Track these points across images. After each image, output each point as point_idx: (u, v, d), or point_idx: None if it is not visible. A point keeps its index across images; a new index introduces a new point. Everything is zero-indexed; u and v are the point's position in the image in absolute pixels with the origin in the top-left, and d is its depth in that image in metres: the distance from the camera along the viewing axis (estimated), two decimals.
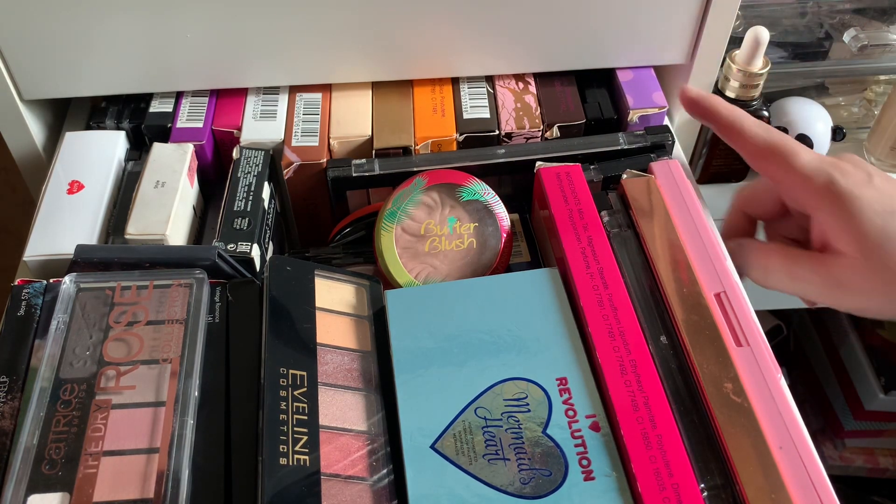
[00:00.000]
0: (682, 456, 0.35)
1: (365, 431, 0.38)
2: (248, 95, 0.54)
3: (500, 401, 0.38)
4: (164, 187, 0.47)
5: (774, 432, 0.35)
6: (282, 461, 0.34)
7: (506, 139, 0.52)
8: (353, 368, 0.40)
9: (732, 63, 0.57)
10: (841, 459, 0.95)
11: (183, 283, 0.40)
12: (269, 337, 0.38)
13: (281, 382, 0.37)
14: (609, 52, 0.54)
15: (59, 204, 0.46)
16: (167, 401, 0.37)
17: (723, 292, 0.40)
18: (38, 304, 0.40)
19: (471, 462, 0.36)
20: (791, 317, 1.00)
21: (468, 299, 0.42)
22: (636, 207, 0.45)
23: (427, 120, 0.52)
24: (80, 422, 0.36)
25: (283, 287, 0.41)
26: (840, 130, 0.65)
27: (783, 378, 0.37)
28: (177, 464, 0.34)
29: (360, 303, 0.43)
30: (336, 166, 0.49)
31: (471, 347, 0.40)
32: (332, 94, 0.54)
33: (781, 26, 0.66)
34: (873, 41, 0.66)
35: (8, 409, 0.37)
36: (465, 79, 0.55)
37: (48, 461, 0.34)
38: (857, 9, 0.68)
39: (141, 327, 0.39)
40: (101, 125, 0.52)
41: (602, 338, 0.39)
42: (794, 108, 0.62)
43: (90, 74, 0.51)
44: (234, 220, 0.46)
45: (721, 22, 0.53)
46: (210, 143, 0.52)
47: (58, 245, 0.44)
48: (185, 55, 0.51)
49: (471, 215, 0.47)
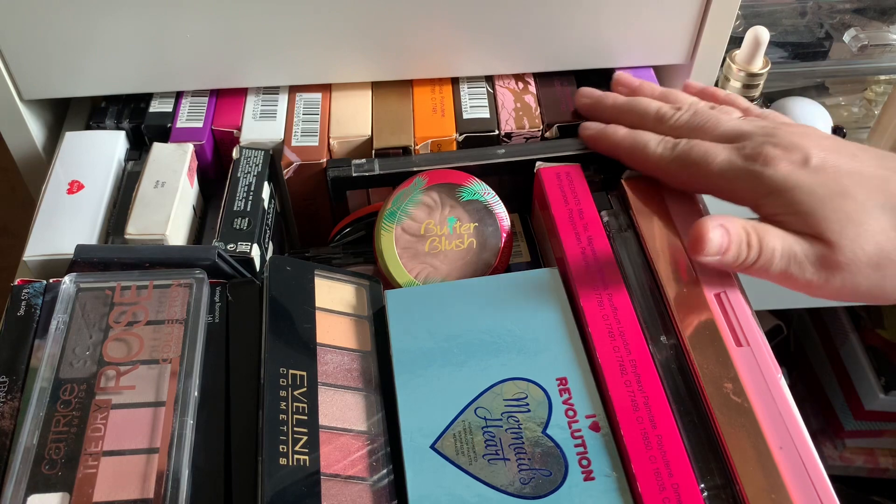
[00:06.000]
0: (682, 456, 0.35)
1: (365, 431, 0.38)
2: (247, 95, 0.54)
3: (500, 401, 0.38)
4: (164, 187, 0.46)
5: (774, 432, 0.35)
6: (282, 461, 0.34)
7: (506, 139, 0.52)
8: (353, 368, 0.40)
9: (732, 63, 0.57)
10: (841, 459, 0.95)
11: (183, 283, 0.40)
12: (269, 337, 0.38)
13: (281, 382, 0.37)
14: (609, 52, 0.54)
15: (59, 204, 0.46)
16: (167, 401, 0.37)
17: (723, 292, 0.40)
18: (38, 304, 0.40)
19: (471, 462, 0.36)
20: (791, 317, 1.00)
21: (468, 299, 0.42)
22: (636, 207, 0.45)
23: (427, 120, 0.52)
24: (80, 422, 0.36)
25: (283, 287, 0.41)
26: (840, 130, 0.65)
27: (783, 378, 0.37)
28: (177, 464, 0.34)
29: (360, 303, 0.43)
30: (336, 166, 0.49)
31: (471, 347, 0.40)
32: (331, 94, 0.54)
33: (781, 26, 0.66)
34: (873, 41, 0.66)
35: (8, 409, 0.37)
36: (465, 79, 0.55)
37: (48, 461, 0.34)
38: (857, 9, 0.68)
39: (141, 327, 0.39)
40: (101, 125, 0.52)
41: (602, 338, 0.39)
42: (794, 108, 0.62)
43: (90, 74, 0.51)
44: (234, 220, 0.46)
45: (721, 22, 0.53)
46: (210, 143, 0.52)
47: (58, 245, 0.44)
48: (185, 55, 0.51)
49: (471, 215, 0.47)
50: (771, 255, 0.38)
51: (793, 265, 0.38)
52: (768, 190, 0.39)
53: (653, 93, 0.49)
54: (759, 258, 0.38)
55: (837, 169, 0.39)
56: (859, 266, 0.37)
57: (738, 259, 0.38)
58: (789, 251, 0.38)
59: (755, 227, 0.39)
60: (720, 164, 0.40)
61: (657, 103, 0.46)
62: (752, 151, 0.40)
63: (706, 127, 0.43)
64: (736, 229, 0.38)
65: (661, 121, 0.45)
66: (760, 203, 0.40)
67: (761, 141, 0.40)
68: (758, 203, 0.40)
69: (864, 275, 0.38)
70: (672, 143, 0.43)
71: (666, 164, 0.43)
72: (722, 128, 0.43)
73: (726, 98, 0.48)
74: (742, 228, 0.38)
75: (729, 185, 0.40)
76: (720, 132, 0.42)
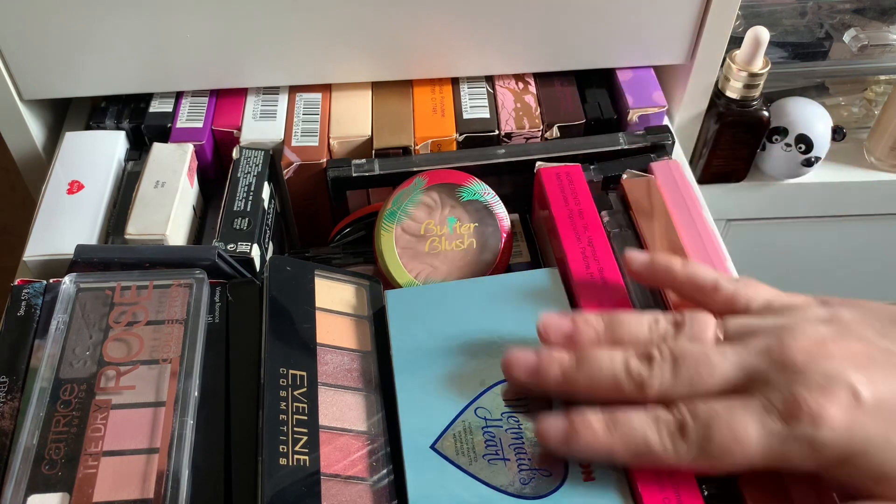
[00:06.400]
0: None
1: (365, 432, 0.38)
2: (247, 95, 0.54)
3: (499, 401, 0.38)
4: (164, 187, 0.46)
5: None
6: (282, 461, 0.34)
7: (506, 139, 0.52)
8: (353, 368, 0.40)
9: (732, 63, 0.57)
10: None
11: (183, 283, 0.40)
12: (269, 337, 0.38)
13: (281, 382, 0.37)
14: (609, 52, 0.54)
15: (59, 204, 0.46)
16: (167, 401, 0.37)
17: None
18: (38, 304, 0.40)
19: (471, 462, 0.36)
20: None
21: (468, 299, 0.42)
22: (636, 207, 0.45)
23: (427, 120, 0.52)
24: (80, 422, 0.36)
25: (283, 287, 0.41)
26: (840, 130, 0.65)
27: None
28: (177, 464, 0.34)
29: (360, 303, 0.43)
30: (336, 166, 0.49)
31: (471, 347, 0.40)
32: (331, 94, 0.54)
33: (781, 26, 0.66)
34: (873, 41, 0.66)
35: (8, 409, 0.36)
36: (465, 79, 0.55)
37: (48, 461, 0.34)
38: (857, 9, 0.68)
39: (141, 327, 0.39)
40: (101, 125, 0.52)
41: None
42: (794, 108, 0.62)
43: (90, 74, 0.51)
44: (234, 220, 0.46)
45: (721, 22, 0.53)
46: (210, 143, 0.52)
47: (58, 245, 0.44)
48: (185, 55, 0.51)
49: (471, 215, 0.47)
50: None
51: None
52: (837, 459, 0.30)
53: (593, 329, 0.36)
54: None
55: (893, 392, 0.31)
56: None
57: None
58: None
59: None
60: (758, 443, 0.31)
61: (618, 360, 0.34)
62: (784, 407, 0.31)
63: (700, 380, 0.33)
64: None
65: (640, 388, 0.33)
66: (832, 475, 0.31)
67: (784, 381, 0.31)
68: (829, 475, 0.31)
69: None
70: (676, 426, 0.32)
71: (689, 464, 0.32)
72: (720, 374, 0.33)
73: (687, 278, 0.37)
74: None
75: (781, 462, 0.31)
76: (722, 381, 0.33)
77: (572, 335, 0.36)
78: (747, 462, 0.31)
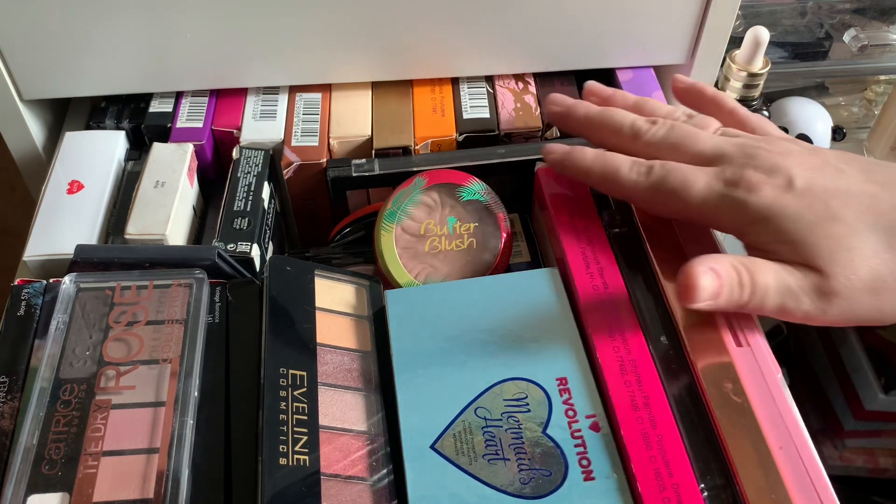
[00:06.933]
0: (682, 456, 0.35)
1: (365, 431, 0.38)
2: (247, 95, 0.54)
3: (499, 401, 0.38)
4: (164, 187, 0.46)
5: (774, 432, 0.35)
6: (281, 461, 0.34)
7: (506, 139, 0.52)
8: (353, 368, 0.40)
9: (732, 63, 0.57)
10: (841, 459, 0.95)
11: (183, 283, 0.40)
12: (269, 337, 0.38)
13: (281, 382, 0.37)
14: (609, 52, 0.54)
15: (59, 204, 0.46)
16: (167, 401, 0.37)
17: None
18: (37, 304, 0.40)
19: (471, 462, 0.36)
20: None
21: (468, 299, 0.42)
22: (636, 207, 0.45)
23: (427, 120, 0.52)
24: (80, 422, 0.36)
25: (283, 287, 0.41)
26: (840, 130, 0.65)
27: (783, 378, 0.37)
28: (177, 464, 0.34)
29: (360, 303, 0.43)
30: (336, 166, 0.49)
31: (471, 347, 0.40)
32: (331, 94, 0.54)
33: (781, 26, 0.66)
34: (873, 41, 0.66)
35: (7, 409, 0.36)
36: (465, 79, 0.55)
37: (48, 461, 0.34)
38: (857, 9, 0.68)
39: (141, 327, 0.39)
40: (101, 125, 0.52)
41: (602, 338, 0.39)
42: (794, 108, 0.62)
43: (90, 74, 0.51)
44: (234, 220, 0.46)
45: (721, 22, 0.53)
46: (210, 143, 0.52)
47: (58, 245, 0.44)
48: (185, 55, 0.51)
49: (471, 215, 0.47)
50: (764, 292, 0.36)
51: (788, 299, 0.36)
52: (753, 218, 0.37)
53: (626, 102, 0.46)
54: (753, 297, 0.36)
55: (824, 189, 0.36)
56: (855, 293, 0.36)
57: (731, 301, 0.36)
58: (783, 285, 0.36)
59: (745, 263, 0.36)
60: (700, 193, 0.38)
61: (631, 116, 0.43)
62: (732, 176, 0.38)
63: (683, 145, 0.40)
64: (726, 270, 0.36)
65: (635, 136, 0.42)
66: (745, 232, 0.38)
67: (741, 163, 0.38)
68: (742, 232, 0.38)
69: (860, 301, 0.36)
70: (646, 167, 0.40)
71: (641, 193, 0.40)
72: (699, 146, 0.40)
73: (713, 97, 0.45)
74: (732, 268, 0.36)
75: (711, 214, 0.38)
76: (697, 151, 0.40)
77: (608, 98, 0.47)
78: (685, 207, 0.39)
